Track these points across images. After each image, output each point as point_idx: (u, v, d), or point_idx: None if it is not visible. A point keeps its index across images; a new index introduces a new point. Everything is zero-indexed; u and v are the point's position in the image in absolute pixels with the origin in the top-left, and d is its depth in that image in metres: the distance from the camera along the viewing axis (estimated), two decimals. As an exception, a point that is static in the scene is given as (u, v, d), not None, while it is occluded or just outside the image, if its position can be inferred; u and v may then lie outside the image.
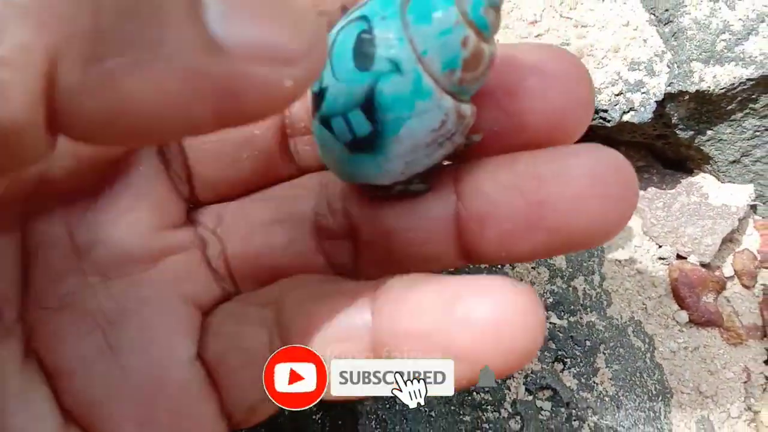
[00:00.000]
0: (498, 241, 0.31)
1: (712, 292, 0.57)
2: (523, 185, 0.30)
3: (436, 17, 0.28)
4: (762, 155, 0.58)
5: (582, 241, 0.30)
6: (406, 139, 0.29)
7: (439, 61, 0.28)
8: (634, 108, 0.54)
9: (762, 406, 0.56)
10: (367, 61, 0.28)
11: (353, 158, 0.31)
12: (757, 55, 0.53)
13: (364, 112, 0.29)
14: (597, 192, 0.29)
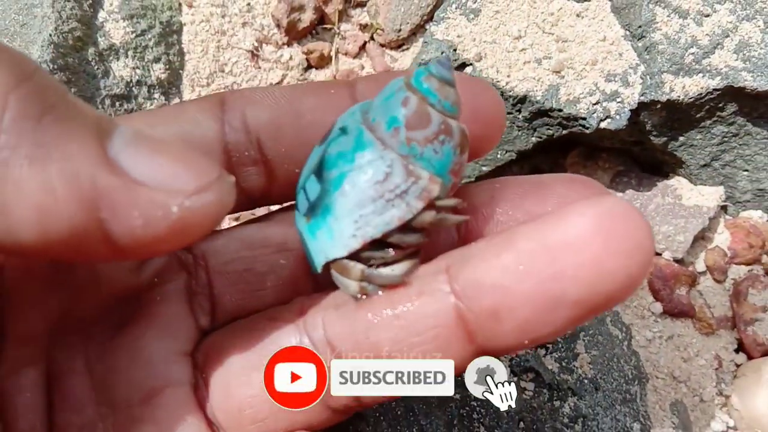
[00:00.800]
0: (518, 331, 0.28)
1: (685, 286, 0.61)
2: (532, 263, 0.27)
3: (384, 90, 0.30)
4: (730, 159, 0.62)
5: (608, 303, 0.27)
6: (350, 193, 0.29)
7: (384, 122, 0.29)
8: (610, 116, 0.58)
9: (733, 391, 0.60)
10: (324, 137, 0.31)
11: (310, 227, 0.31)
12: (722, 67, 0.57)
13: (316, 176, 0.30)
14: (613, 249, 0.26)
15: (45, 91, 0.24)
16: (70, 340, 0.34)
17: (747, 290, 0.61)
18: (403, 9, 0.62)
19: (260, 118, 0.34)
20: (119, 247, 0.25)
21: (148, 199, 0.24)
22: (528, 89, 0.58)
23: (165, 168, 0.25)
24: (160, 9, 0.59)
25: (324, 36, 0.65)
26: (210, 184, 0.25)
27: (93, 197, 0.23)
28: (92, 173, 0.23)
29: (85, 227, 0.24)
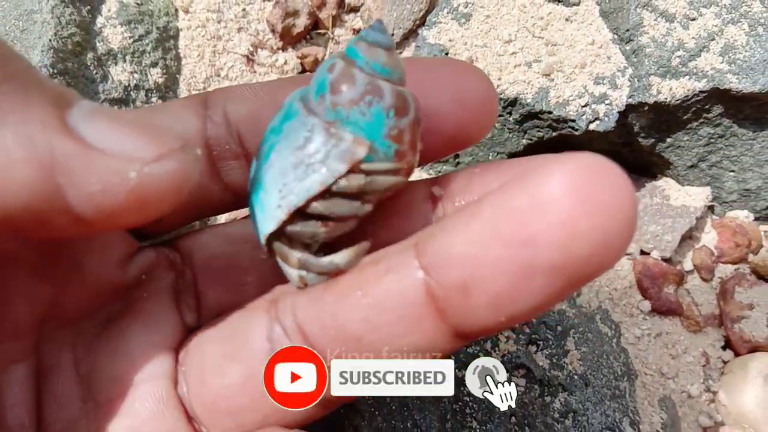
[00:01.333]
0: (492, 305, 0.26)
1: (673, 284, 0.63)
2: (499, 229, 0.25)
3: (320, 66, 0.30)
4: (717, 160, 0.64)
5: (587, 270, 0.24)
6: (275, 163, 0.29)
7: (313, 91, 0.29)
8: (599, 118, 0.59)
9: (720, 387, 0.61)
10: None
11: (251, 207, 0.31)
12: (708, 70, 0.59)
13: (257, 155, 0.31)
14: (587, 206, 0.23)
15: (6, 60, 0.24)
16: (58, 335, 0.34)
17: (734, 288, 0.63)
18: (396, 14, 0.63)
19: (240, 112, 0.35)
20: (80, 217, 0.25)
21: (105, 165, 0.24)
22: (518, 92, 0.60)
23: (124, 136, 0.25)
24: (157, 15, 0.60)
25: (318, 41, 0.66)
26: (171, 152, 0.25)
27: (49, 161, 0.24)
28: (49, 138, 0.24)
29: (42, 192, 0.24)
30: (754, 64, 0.58)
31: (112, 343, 0.35)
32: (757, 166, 0.63)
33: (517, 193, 0.25)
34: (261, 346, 0.32)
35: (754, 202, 0.65)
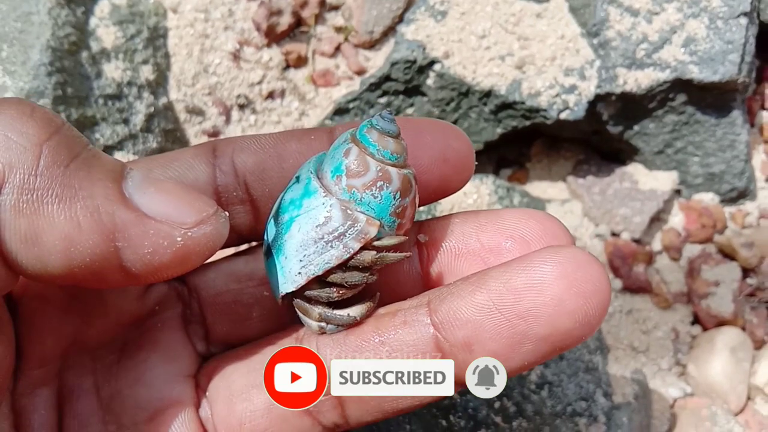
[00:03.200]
0: None
1: (642, 263, 0.66)
2: (500, 302, 0.31)
3: (334, 145, 0.34)
4: (682, 146, 0.67)
5: (568, 340, 0.30)
6: (296, 235, 0.33)
7: (329, 171, 0.33)
8: (569, 107, 0.63)
9: (689, 360, 0.64)
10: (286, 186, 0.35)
11: (268, 265, 0.35)
12: (671, 61, 0.62)
13: (274, 219, 0.34)
14: (573, 291, 0.29)
15: (71, 141, 0.28)
16: (80, 362, 0.37)
17: (700, 267, 0.66)
18: (375, 12, 0.66)
19: (247, 162, 0.38)
20: (131, 273, 0.29)
21: (157, 230, 0.28)
22: (493, 84, 0.63)
23: (170, 205, 0.29)
24: (147, 15, 0.63)
25: (301, 38, 0.69)
26: (208, 217, 0.29)
27: (111, 229, 0.28)
28: (111, 209, 0.28)
29: (103, 254, 0.28)
30: (714, 55, 0.61)
31: (133, 369, 0.38)
32: (720, 151, 0.66)
33: (517, 274, 0.31)
34: None
35: (718, 185, 0.68)
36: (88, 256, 0.28)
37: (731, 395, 0.62)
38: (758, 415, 0.62)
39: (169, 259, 0.29)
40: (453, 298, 0.32)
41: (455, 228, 0.36)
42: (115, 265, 0.28)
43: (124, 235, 0.28)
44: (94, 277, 0.29)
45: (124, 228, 0.28)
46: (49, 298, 0.35)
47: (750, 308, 0.66)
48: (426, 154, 0.36)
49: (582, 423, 0.57)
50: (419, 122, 0.37)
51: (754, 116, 0.72)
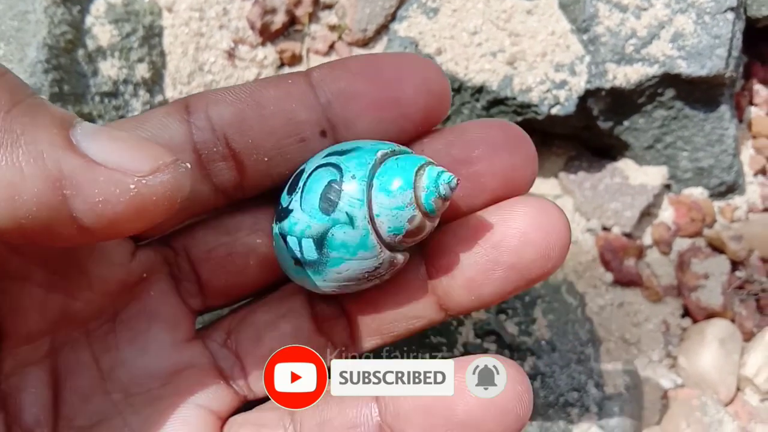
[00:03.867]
0: (466, 287, 0.37)
1: (633, 257, 0.67)
2: (477, 234, 0.36)
3: (396, 195, 0.34)
4: (671, 141, 0.68)
5: (534, 272, 0.36)
6: (344, 273, 0.35)
7: (386, 225, 0.34)
8: (560, 102, 0.64)
9: (680, 352, 0.65)
10: (330, 208, 0.34)
11: (297, 269, 0.36)
12: (660, 56, 0.63)
13: (316, 244, 0.34)
14: (538, 226, 0.35)
15: (14, 88, 0.27)
16: (73, 338, 0.37)
17: (690, 260, 0.67)
18: (368, 10, 0.67)
19: (224, 115, 0.36)
20: (84, 226, 0.27)
21: (107, 177, 0.27)
22: (485, 80, 0.64)
23: (123, 152, 0.27)
24: (143, 14, 0.63)
25: (295, 36, 0.70)
26: (165, 166, 0.28)
27: (57, 176, 0.26)
28: (56, 154, 0.26)
29: (50, 204, 0.26)
30: (702, 50, 0.62)
31: (135, 340, 0.38)
32: (708, 145, 0.67)
33: (491, 213, 0.37)
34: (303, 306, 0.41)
35: (707, 179, 0.69)
36: (35, 206, 0.26)
37: (721, 386, 0.63)
38: (748, 406, 0.63)
39: (123, 209, 0.27)
40: (440, 235, 0.38)
41: (425, 147, 0.38)
42: (65, 216, 0.27)
43: (71, 182, 0.26)
44: (45, 231, 0.27)
45: (71, 175, 0.26)
46: (29, 275, 0.34)
47: (739, 301, 0.67)
48: (409, 85, 0.36)
49: (574, 413, 0.58)
50: (398, 56, 0.38)
51: (742, 112, 0.73)
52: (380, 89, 0.36)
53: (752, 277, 0.67)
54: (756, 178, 0.72)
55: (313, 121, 0.37)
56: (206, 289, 0.40)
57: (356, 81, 0.37)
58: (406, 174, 0.34)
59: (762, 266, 0.68)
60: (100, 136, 0.28)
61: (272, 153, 0.37)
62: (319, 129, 0.37)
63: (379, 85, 0.36)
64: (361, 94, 0.36)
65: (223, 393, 0.39)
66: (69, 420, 0.36)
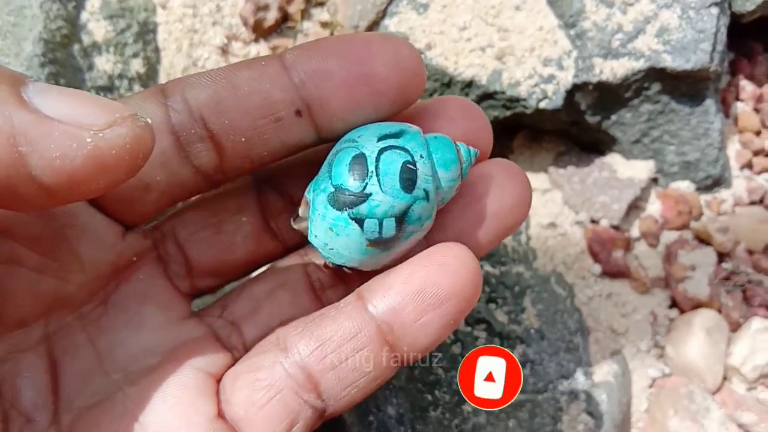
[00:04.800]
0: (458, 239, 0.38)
1: (621, 249, 0.68)
2: (462, 191, 0.40)
3: (451, 168, 0.38)
4: (658, 135, 0.69)
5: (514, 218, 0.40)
6: (408, 245, 0.37)
7: (442, 196, 0.38)
8: (548, 96, 0.65)
9: (667, 341, 0.66)
10: (411, 187, 0.36)
11: (367, 251, 0.36)
12: (645, 51, 0.64)
13: (396, 222, 0.36)
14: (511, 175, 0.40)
15: None
16: (66, 323, 0.37)
17: (677, 252, 0.68)
18: (359, 7, 0.68)
19: (200, 97, 0.36)
20: (45, 185, 0.27)
21: (62, 132, 0.26)
22: (474, 74, 0.65)
23: (77, 107, 0.27)
24: (137, 10, 0.64)
25: (288, 33, 0.71)
26: (123, 119, 0.27)
27: (10, 132, 0.25)
28: (8, 111, 0.25)
29: (6, 161, 0.25)
30: (686, 44, 0.63)
31: (130, 321, 0.38)
32: (694, 139, 0.68)
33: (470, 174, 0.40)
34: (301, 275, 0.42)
35: (694, 173, 0.70)
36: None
37: (708, 374, 0.64)
38: (735, 394, 0.64)
39: (81, 164, 0.26)
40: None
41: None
42: (24, 174, 0.26)
43: (25, 138, 0.26)
44: (6, 191, 0.26)
45: (25, 130, 0.26)
46: (19, 258, 0.35)
47: (726, 292, 0.68)
48: (380, 61, 0.37)
49: (563, 400, 0.59)
50: (369, 35, 0.38)
51: (729, 107, 0.75)
52: (351, 67, 0.37)
53: (738, 268, 0.68)
54: (742, 172, 0.73)
55: (288, 101, 0.37)
56: (194, 269, 0.41)
57: (328, 60, 0.37)
58: (452, 150, 0.38)
59: (748, 258, 0.69)
60: (53, 93, 0.27)
61: (249, 133, 0.37)
62: (294, 108, 0.37)
63: (349, 62, 0.37)
64: (332, 73, 0.37)
65: (220, 356, 0.39)
66: (70, 402, 0.36)
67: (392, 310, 0.36)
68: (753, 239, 0.69)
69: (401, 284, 0.36)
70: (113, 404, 0.36)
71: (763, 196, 0.71)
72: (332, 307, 0.38)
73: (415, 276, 0.36)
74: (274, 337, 0.39)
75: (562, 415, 0.58)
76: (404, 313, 0.36)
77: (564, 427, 0.58)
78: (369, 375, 0.37)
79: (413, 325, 0.36)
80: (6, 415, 0.34)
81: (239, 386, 0.37)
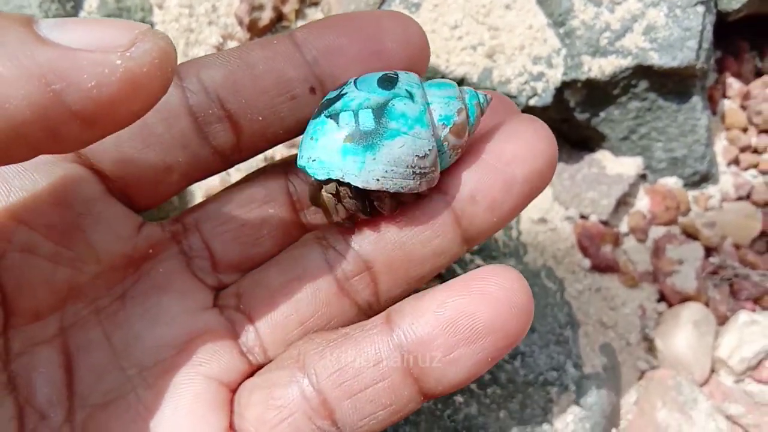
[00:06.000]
0: (489, 208, 0.38)
1: (610, 244, 0.69)
2: (490, 157, 0.38)
3: (445, 87, 0.37)
4: (646, 132, 0.70)
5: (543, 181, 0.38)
6: (396, 149, 0.35)
7: (438, 113, 0.37)
8: (537, 93, 0.66)
9: (656, 334, 0.67)
10: (390, 86, 0.36)
11: (345, 147, 0.35)
12: (633, 49, 0.65)
13: (374, 114, 0.35)
14: (542, 136, 0.38)
15: None
16: (82, 316, 0.37)
17: (665, 246, 0.69)
18: (353, 6, 0.69)
19: (215, 77, 0.37)
20: (83, 117, 0.26)
21: (90, 60, 0.25)
22: (465, 72, 0.66)
23: (95, 32, 0.26)
24: (134, 10, 0.66)
25: (282, 32, 0.72)
26: (142, 34, 0.26)
27: (39, 71, 0.25)
28: (30, 50, 0.25)
29: (43, 103, 0.25)
30: (673, 42, 0.65)
31: (146, 314, 0.38)
32: (681, 136, 0.70)
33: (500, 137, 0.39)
34: (321, 266, 0.40)
35: (681, 169, 0.71)
36: (28, 109, 0.25)
37: (695, 367, 0.65)
38: (722, 386, 0.65)
39: (118, 87, 0.26)
40: (457, 170, 0.39)
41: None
42: (63, 112, 0.26)
43: (56, 75, 0.25)
44: (48, 132, 0.26)
45: (54, 67, 0.25)
46: (34, 248, 0.35)
47: (713, 286, 0.69)
48: (390, 37, 0.38)
49: (553, 391, 0.59)
50: (378, 12, 0.39)
51: (716, 105, 0.76)
52: (363, 43, 0.38)
53: (725, 262, 0.69)
54: (729, 168, 0.74)
55: (302, 78, 0.38)
56: (219, 264, 0.40)
57: (339, 37, 0.38)
58: (450, 82, 0.39)
59: (735, 252, 0.70)
60: (67, 24, 0.26)
61: (266, 112, 0.38)
62: (308, 85, 0.38)
63: (361, 39, 0.38)
64: (344, 49, 0.38)
65: (235, 362, 0.38)
66: (83, 399, 0.36)
67: (420, 341, 0.34)
68: (740, 234, 0.71)
69: (433, 312, 0.35)
70: (126, 407, 0.36)
71: (749, 191, 0.72)
72: (358, 326, 0.37)
73: (449, 304, 0.34)
74: (295, 351, 0.38)
75: (553, 407, 0.59)
76: (433, 345, 0.34)
77: (554, 418, 0.59)
78: (389, 408, 0.35)
79: (442, 359, 0.34)
80: (21, 411, 0.34)
81: (254, 401, 0.37)
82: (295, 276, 0.39)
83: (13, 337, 0.35)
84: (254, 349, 0.39)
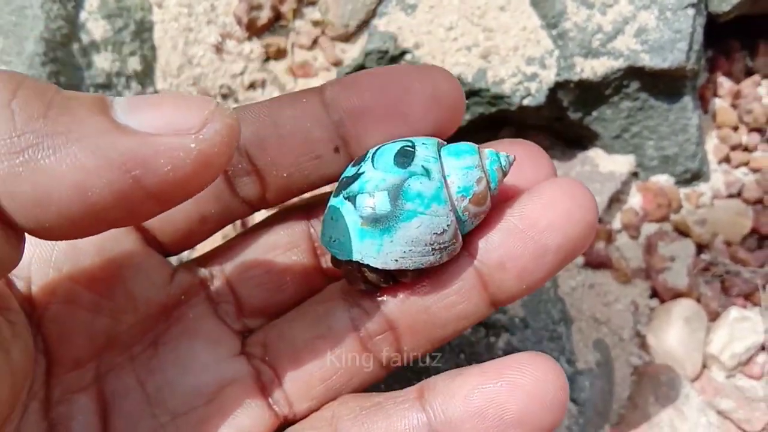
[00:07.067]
0: (518, 277, 0.37)
1: (603, 241, 0.70)
2: (522, 223, 0.37)
3: (463, 156, 0.36)
4: (638, 131, 0.71)
5: (578, 248, 0.37)
6: (412, 230, 0.35)
7: (456, 185, 0.36)
8: (531, 94, 0.67)
9: (648, 331, 0.68)
10: (406, 163, 0.35)
11: (362, 231, 0.35)
12: (624, 50, 0.66)
13: (390, 196, 0.35)
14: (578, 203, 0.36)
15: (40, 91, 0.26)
16: (118, 363, 0.37)
17: (657, 243, 0.70)
18: (350, 6, 0.70)
19: (245, 134, 0.37)
20: (161, 196, 0.27)
21: (167, 145, 0.26)
22: (460, 73, 0.67)
23: (169, 114, 0.27)
24: (134, 9, 0.66)
25: (281, 31, 0.73)
26: (212, 114, 0.27)
27: (120, 160, 0.26)
28: (111, 141, 0.26)
29: (123, 189, 0.26)
30: (664, 44, 0.66)
31: (178, 361, 0.38)
32: (673, 134, 0.71)
33: (532, 200, 0.37)
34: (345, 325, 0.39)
35: (673, 167, 0.72)
36: (109, 195, 0.26)
37: (687, 362, 0.66)
38: (713, 382, 0.66)
39: (192, 168, 0.27)
40: (490, 234, 0.38)
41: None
42: (141, 195, 0.27)
43: (136, 162, 0.26)
44: (125, 213, 0.27)
45: (133, 155, 0.26)
46: (76, 298, 0.36)
47: (704, 282, 0.70)
48: (417, 100, 0.37)
49: (546, 386, 0.60)
50: (407, 68, 0.39)
51: (707, 103, 0.77)
52: (387, 105, 0.37)
53: (716, 259, 0.70)
54: (720, 166, 0.75)
55: (327, 139, 0.38)
56: (245, 309, 0.41)
57: (365, 98, 0.37)
58: (470, 146, 0.37)
59: (726, 249, 0.71)
60: (141, 106, 0.27)
61: (291, 169, 0.38)
62: (332, 146, 0.38)
63: (386, 100, 0.37)
64: (369, 111, 0.37)
65: (264, 415, 0.38)
66: None
67: (448, 424, 0.34)
68: (731, 231, 0.71)
69: (464, 396, 0.34)
70: None
71: (740, 189, 0.73)
72: (391, 396, 0.37)
73: (479, 391, 0.34)
74: (329, 413, 0.38)
75: (546, 400, 0.60)
76: (461, 429, 0.34)
77: (547, 412, 0.60)
78: None
79: None
80: None
81: None
82: (320, 334, 0.39)
83: (54, 386, 0.35)
84: (280, 401, 0.39)
